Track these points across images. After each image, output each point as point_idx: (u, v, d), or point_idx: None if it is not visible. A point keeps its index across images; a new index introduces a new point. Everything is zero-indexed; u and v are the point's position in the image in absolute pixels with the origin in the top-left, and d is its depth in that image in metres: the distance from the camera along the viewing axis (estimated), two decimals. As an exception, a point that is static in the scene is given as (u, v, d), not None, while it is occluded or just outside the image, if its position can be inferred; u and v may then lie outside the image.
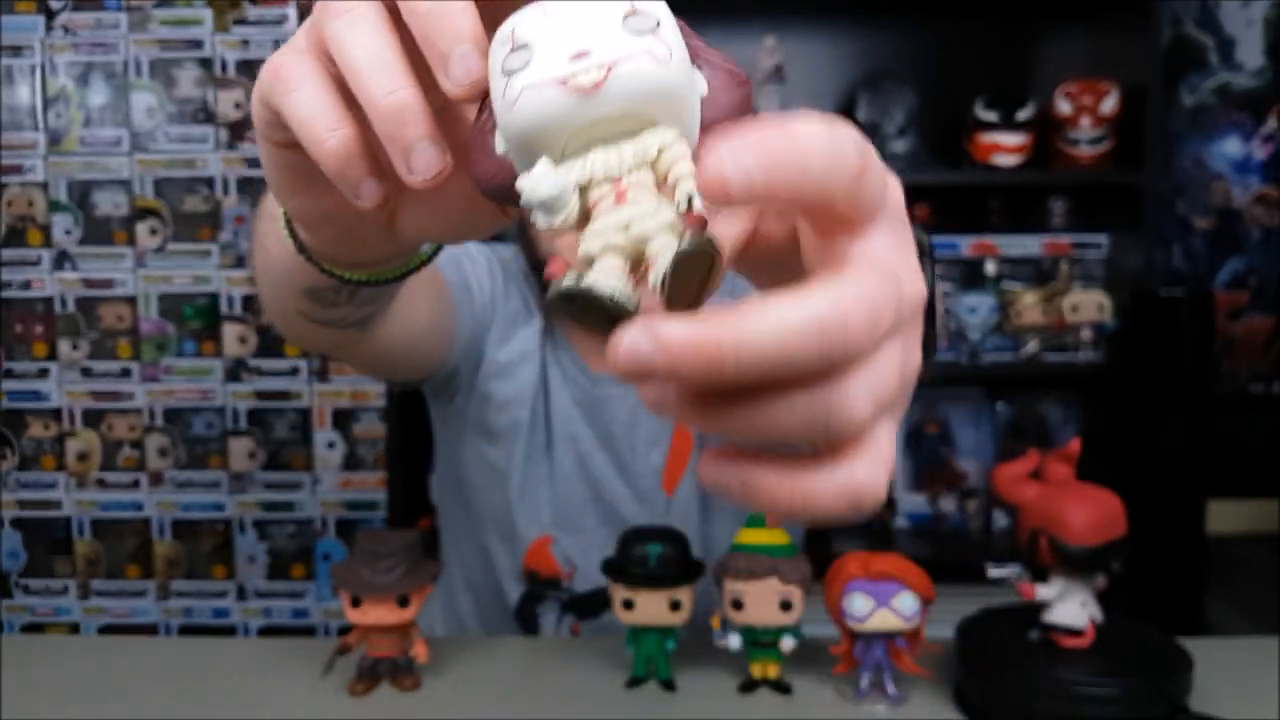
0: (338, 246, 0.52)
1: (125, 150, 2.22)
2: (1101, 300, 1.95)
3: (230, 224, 2.23)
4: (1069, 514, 0.77)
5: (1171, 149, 2.20)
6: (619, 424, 1.11)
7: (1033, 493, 0.79)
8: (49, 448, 2.28)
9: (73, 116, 2.21)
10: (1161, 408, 1.71)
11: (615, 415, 1.11)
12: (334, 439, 2.27)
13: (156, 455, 2.27)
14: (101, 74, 2.21)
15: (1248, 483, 2.24)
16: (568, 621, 1.11)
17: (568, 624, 1.11)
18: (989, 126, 1.94)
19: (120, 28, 2.20)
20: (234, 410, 2.26)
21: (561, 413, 1.10)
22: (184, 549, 2.29)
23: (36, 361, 2.26)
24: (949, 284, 2.06)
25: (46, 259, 2.24)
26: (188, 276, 2.24)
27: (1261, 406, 2.25)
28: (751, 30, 2.07)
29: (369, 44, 0.36)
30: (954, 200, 2.13)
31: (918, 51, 2.16)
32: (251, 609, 2.31)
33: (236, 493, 2.28)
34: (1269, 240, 2.21)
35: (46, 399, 2.26)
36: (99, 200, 2.23)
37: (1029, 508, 0.79)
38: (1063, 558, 0.76)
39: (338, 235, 0.50)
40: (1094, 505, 0.78)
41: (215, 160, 2.22)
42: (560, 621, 1.11)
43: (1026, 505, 0.79)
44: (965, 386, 2.16)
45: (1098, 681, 0.75)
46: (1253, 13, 2.17)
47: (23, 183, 2.22)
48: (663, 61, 0.31)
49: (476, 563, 1.17)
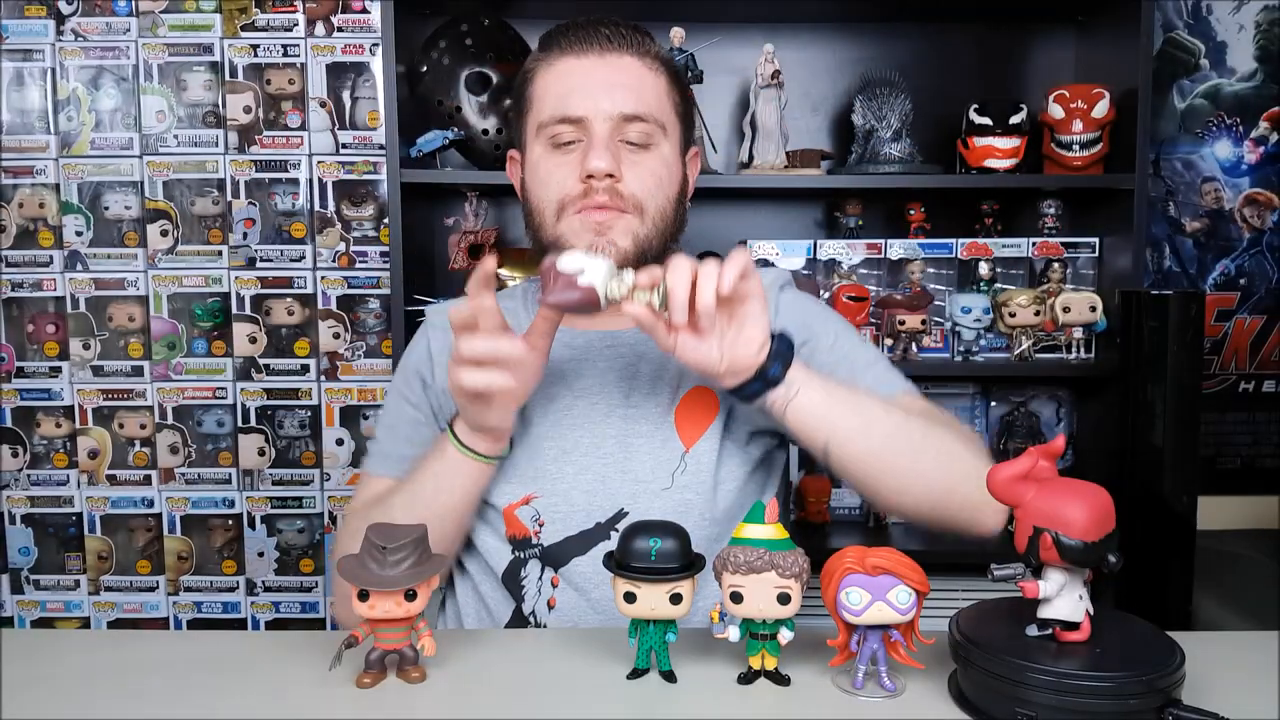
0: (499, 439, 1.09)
1: (136, 153, 2.25)
2: (1093, 301, 1.97)
3: (240, 226, 2.26)
4: (1071, 511, 0.77)
5: (1163, 152, 2.22)
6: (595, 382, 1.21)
7: (1030, 492, 0.79)
8: (61, 445, 2.31)
9: (84, 120, 2.24)
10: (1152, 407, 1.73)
11: (590, 372, 1.21)
12: (342, 436, 2.31)
13: (167, 452, 2.30)
14: (112, 78, 2.23)
15: (1238, 480, 2.28)
16: (548, 575, 1.16)
17: (548, 578, 1.16)
18: (982, 131, 1.96)
19: (130, 32, 2.22)
20: (244, 408, 2.30)
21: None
22: (194, 544, 2.33)
23: (48, 360, 2.28)
24: (943, 285, 2.09)
25: (58, 260, 2.26)
26: (198, 277, 2.27)
27: (1251, 405, 2.28)
28: (750, 38, 2.10)
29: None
30: (948, 203, 2.15)
31: (912, 58, 2.17)
32: (261, 603, 2.34)
33: (246, 489, 2.31)
34: (1259, 242, 2.24)
35: (58, 397, 2.29)
36: (110, 202, 2.25)
37: (1029, 507, 0.79)
38: (1068, 554, 0.76)
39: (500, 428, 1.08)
40: (1091, 500, 0.78)
41: (225, 163, 2.25)
42: (541, 577, 1.16)
43: (1026, 505, 0.79)
44: (959, 385, 2.18)
45: (1090, 674, 0.75)
46: (1243, 17, 2.20)
47: (34, 185, 2.25)
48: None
49: (466, 552, 1.23)
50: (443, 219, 2.22)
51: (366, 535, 0.85)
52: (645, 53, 1.17)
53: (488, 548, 1.19)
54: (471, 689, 0.87)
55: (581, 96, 1.13)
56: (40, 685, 0.88)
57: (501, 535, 1.18)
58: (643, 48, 1.17)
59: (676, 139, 1.19)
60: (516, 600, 1.17)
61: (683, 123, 1.22)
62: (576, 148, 1.14)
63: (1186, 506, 1.69)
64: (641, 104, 1.14)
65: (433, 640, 0.87)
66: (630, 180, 1.14)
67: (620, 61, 1.15)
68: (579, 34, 1.16)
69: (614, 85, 1.14)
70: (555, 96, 1.15)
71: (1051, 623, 0.80)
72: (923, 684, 0.85)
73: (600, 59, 1.15)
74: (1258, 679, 0.87)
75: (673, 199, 1.18)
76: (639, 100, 1.14)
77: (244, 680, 0.89)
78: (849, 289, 2.01)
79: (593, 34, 1.15)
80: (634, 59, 1.16)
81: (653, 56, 1.18)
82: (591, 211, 1.13)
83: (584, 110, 1.13)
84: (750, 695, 0.85)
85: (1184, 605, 1.72)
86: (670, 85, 1.19)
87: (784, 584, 0.81)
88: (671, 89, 1.19)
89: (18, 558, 2.33)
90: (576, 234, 1.14)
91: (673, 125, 1.19)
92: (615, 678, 0.87)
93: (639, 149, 1.15)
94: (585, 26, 1.16)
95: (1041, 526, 0.78)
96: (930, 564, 0.87)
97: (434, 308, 1.33)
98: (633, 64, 1.16)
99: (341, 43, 2.23)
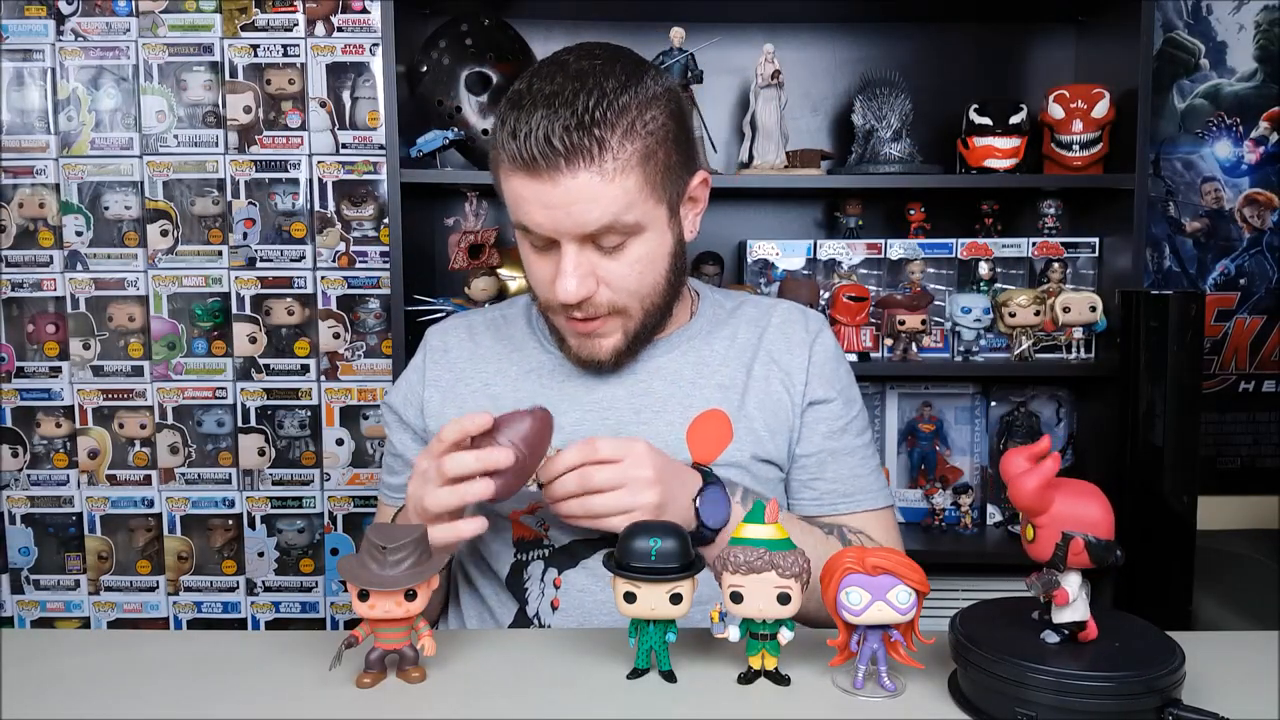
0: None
1: (136, 153, 2.25)
2: (1093, 301, 1.97)
3: (240, 226, 2.26)
4: (1094, 512, 0.78)
5: (1163, 152, 2.22)
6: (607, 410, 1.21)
7: (1054, 498, 0.79)
8: (61, 445, 2.31)
9: (84, 120, 2.24)
10: (1152, 407, 1.73)
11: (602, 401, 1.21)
12: (342, 436, 2.31)
13: (167, 452, 2.30)
14: (112, 78, 2.24)
15: (1238, 480, 2.28)
16: (550, 576, 1.16)
17: (550, 579, 1.16)
18: (982, 131, 1.96)
19: (130, 32, 2.22)
20: (244, 408, 2.30)
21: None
22: (194, 544, 2.33)
23: (48, 360, 2.28)
24: (943, 285, 2.09)
25: (58, 260, 2.26)
26: (198, 277, 2.27)
27: (1251, 405, 2.28)
28: (750, 38, 2.10)
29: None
30: (948, 203, 2.15)
31: (912, 58, 2.17)
32: (261, 603, 2.34)
33: (246, 489, 2.32)
34: (1259, 242, 2.24)
35: (58, 397, 2.29)
36: (110, 202, 2.25)
37: (1056, 514, 0.79)
38: (1098, 555, 0.77)
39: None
40: (1100, 498, 0.79)
41: (225, 163, 2.25)
42: (544, 578, 1.16)
43: (1053, 512, 0.79)
44: (959, 385, 2.18)
45: (1091, 674, 0.75)
46: (1243, 17, 2.20)
47: (34, 185, 2.25)
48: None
49: (469, 558, 1.25)
50: (443, 219, 2.22)
51: (366, 535, 0.85)
52: (604, 158, 1.04)
53: (491, 552, 1.20)
54: (471, 689, 0.87)
55: (542, 217, 1.06)
56: (40, 685, 0.88)
57: (507, 540, 1.19)
58: (599, 153, 1.03)
59: (663, 212, 1.11)
60: (520, 602, 1.17)
61: (672, 176, 1.11)
62: (553, 249, 1.10)
63: (1186, 506, 1.69)
64: (606, 215, 1.05)
65: (433, 640, 0.87)
66: (607, 290, 1.11)
67: (574, 182, 1.03)
68: (528, 150, 1.03)
69: (572, 204, 1.04)
70: (520, 206, 1.08)
71: (1068, 625, 0.80)
72: (923, 684, 0.86)
73: (553, 184, 1.03)
74: (1258, 679, 0.88)
75: (664, 274, 1.14)
76: (602, 214, 1.05)
77: (244, 680, 0.90)
78: (849, 289, 2.01)
79: (543, 153, 1.02)
80: (589, 174, 1.03)
81: (613, 158, 1.04)
82: (576, 324, 1.14)
83: (548, 228, 1.07)
84: (750, 695, 0.85)
85: (1184, 605, 1.72)
86: (642, 171, 1.06)
87: (784, 584, 0.81)
88: (646, 169, 1.07)
89: (18, 558, 2.33)
90: (570, 334, 1.17)
91: (653, 207, 1.09)
92: (615, 678, 0.88)
93: (615, 250, 1.09)
94: (534, 140, 1.02)
95: (1071, 532, 0.78)
96: (930, 564, 0.88)
97: (434, 329, 1.34)
98: (588, 181, 1.03)
99: (341, 43, 2.23)
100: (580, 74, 1.06)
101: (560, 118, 1.02)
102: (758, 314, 1.29)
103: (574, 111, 1.02)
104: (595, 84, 1.05)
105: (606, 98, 1.04)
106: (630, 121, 1.05)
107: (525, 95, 1.06)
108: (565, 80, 1.05)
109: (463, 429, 0.99)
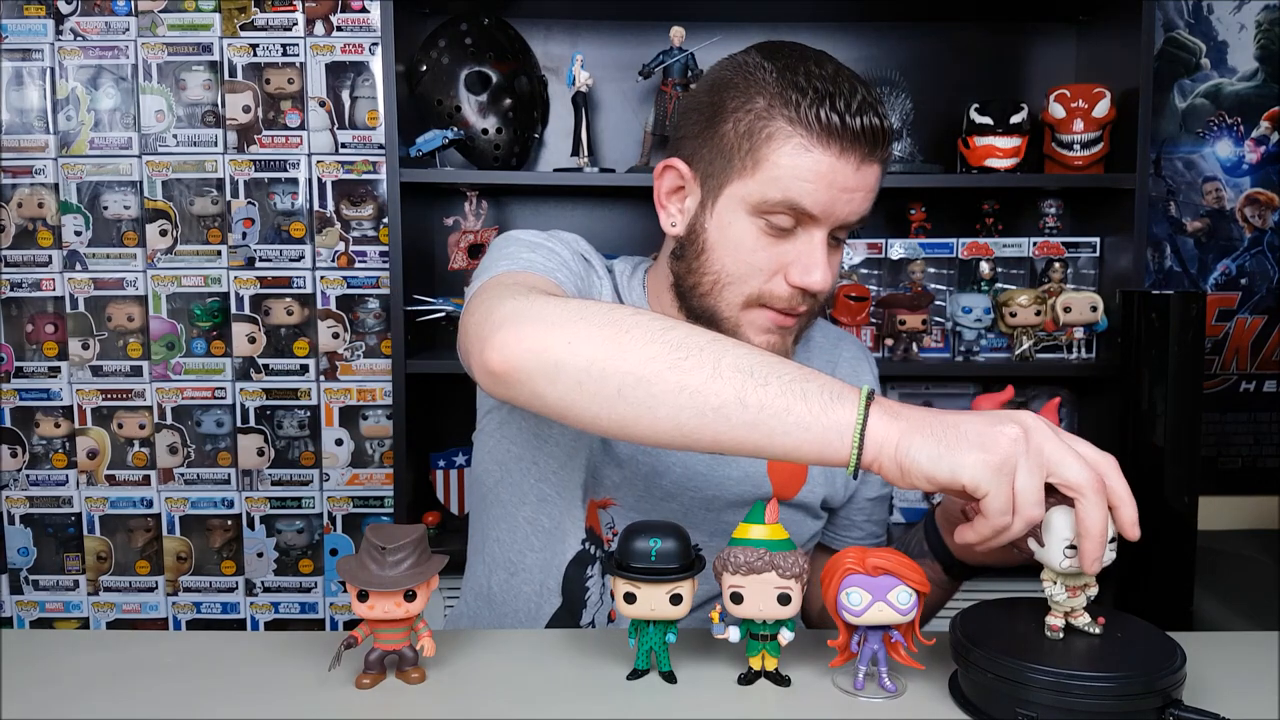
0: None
1: (135, 153, 2.25)
2: (1094, 301, 1.97)
3: (239, 226, 2.26)
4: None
5: (1163, 152, 2.22)
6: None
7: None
8: (60, 445, 2.31)
9: (83, 119, 2.24)
10: (1153, 407, 1.72)
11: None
12: (342, 436, 2.31)
13: (166, 452, 2.30)
14: (111, 77, 2.23)
15: (1239, 480, 2.28)
16: (607, 584, 1.12)
17: (607, 587, 1.12)
18: (983, 130, 1.96)
19: (129, 32, 2.22)
20: (243, 408, 2.30)
21: None
22: (193, 545, 2.33)
23: (47, 360, 2.28)
24: (944, 285, 2.09)
25: (57, 260, 2.26)
26: (197, 277, 2.27)
27: (1252, 405, 2.28)
28: (750, 38, 2.08)
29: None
30: (949, 203, 2.15)
31: (913, 57, 2.18)
32: (260, 604, 2.34)
33: (245, 489, 2.31)
34: (1260, 242, 2.24)
35: (57, 397, 2.29)
36: (109, 202, 2.25)
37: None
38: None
39: None
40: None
41: (224, 163, 2.25)
42: (605, 587, 1.12)
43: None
44: (959, 385, 2.18)
45: (1091, 674, 0.75)
46: (1244, 17, 2.20)
47: (33, 185, 2.25)
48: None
49: (517, 535, 1.18)
50: (442, 219, 2.22)
51: (366, 536, 0.84)
52: (887, 153, 1.04)
53: (561, 527, 1.14)
54: (471, 689, 0.87)
55: (828, 200, 1.01)
56: (40, 685, 0.88)
57: (579, 522, 1.15)
58: (887, 147, 1.03)
59: None
60: (571, 600, 1.15)
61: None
62: (790, 237, 1.04)
63: (1187, 506, 1.69)
64: (866, 208, 1.05)
65: (432, 640, 0.86)
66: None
67: (869, 169, 1.02)
68: (848, 128, 0.99)
69: (855, 193, 1.02)
70: (799, 184, 1.00)
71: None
72: (923, 684, 0.85)
73: (858, 170, 1.01)
74: (1258, 679, 0.87)
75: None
76: (867, 206, 1.05)
77: (243, 681, 0.89)
78: (850, 289, 2.01)
79: (860, 134, 0.99)
80: (879, 167, 1.03)
81: (887, 157, 1.05)
82: (780, 317, 1.07)
83: (822, 212, 1.02)
84: (750, 696, 0.85)
85: (1184, 605, 1.72)
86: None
87: (784, 584, 0.81)
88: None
89: (17, 558, 2.32)
90: (754, 329, 1.08)
91: None
92: (615, 678, 0.87)
93: (837, 246, 1.08)
94: (856, 117, 0.99)
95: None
96: (931, 564, 0.87)
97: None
98: (876, 172, 1.03)
99: (341, 42, 2.23)
100: (840, 66, 1.04)
101: (871, 104, 1.00)
102: (825, 344, 1.27)
103: (876, 101, 1.01)
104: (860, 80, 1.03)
105: (888, 115, 1.04)
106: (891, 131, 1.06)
107: (815, 75, 1.00)
108: (838, 68, 1.03)
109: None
